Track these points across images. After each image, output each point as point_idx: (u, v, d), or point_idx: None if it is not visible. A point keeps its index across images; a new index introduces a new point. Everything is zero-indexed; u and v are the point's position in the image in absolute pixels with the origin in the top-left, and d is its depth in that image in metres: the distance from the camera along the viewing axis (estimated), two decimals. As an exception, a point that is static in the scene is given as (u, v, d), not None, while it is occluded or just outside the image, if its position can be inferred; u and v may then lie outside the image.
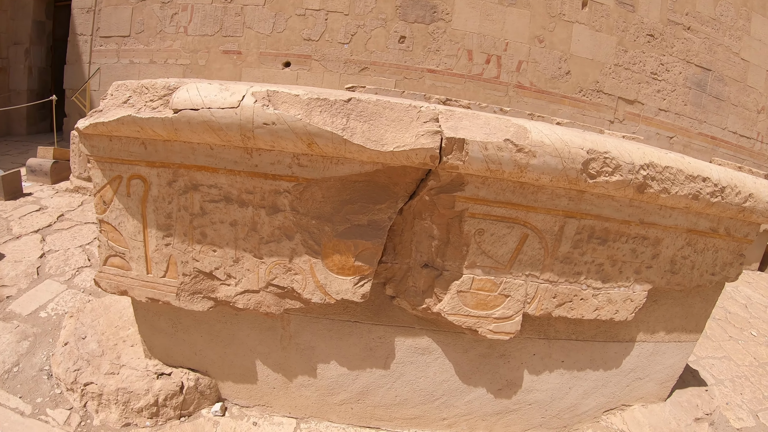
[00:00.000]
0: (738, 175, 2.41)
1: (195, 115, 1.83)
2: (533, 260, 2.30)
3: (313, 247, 2.18)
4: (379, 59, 8.89)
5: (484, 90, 8.88)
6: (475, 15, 8.85)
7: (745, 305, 6.08)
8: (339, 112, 1.84)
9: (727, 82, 10.82)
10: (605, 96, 9.51)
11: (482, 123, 1.97)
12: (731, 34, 10.80)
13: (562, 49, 9.18)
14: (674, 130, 10.21)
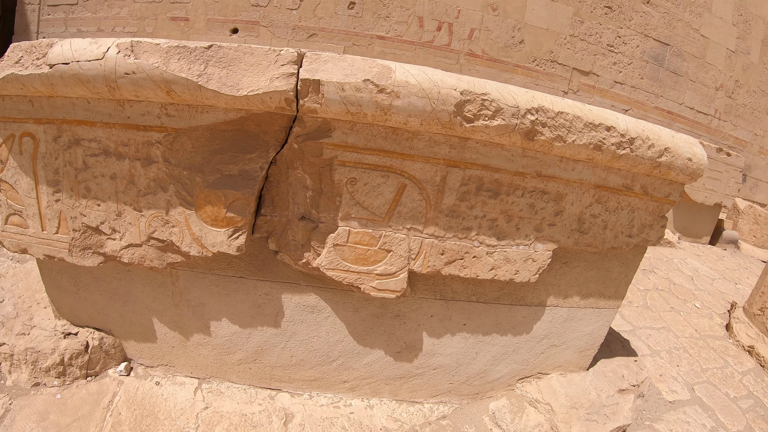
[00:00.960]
0: (652, 126, 2.23)
1: (66, 69, 1.86)
2: (414, 213, 2.15)
3: (187, 198, 2.14)
4: (327, 25, 8.59)
5: (435, 57, 8.64)
6: None
7: (692, 277, 6.01)
8: (198, 59, 1.81)
9: (686, 57, 10.71)
10: (559, 66, 9.33)
11: (347, 65, 1.86)
12: (692, 10, 10.67)
13: (516, 17, 8.95)
14: (630, 103, 10.10)
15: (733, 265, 7.17)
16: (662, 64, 10.36)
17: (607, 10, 9.58)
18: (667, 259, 6.40)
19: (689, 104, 11.01)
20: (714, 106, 11.52)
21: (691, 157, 2.28)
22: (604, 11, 9.55)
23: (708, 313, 5.02)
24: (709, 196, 7.57)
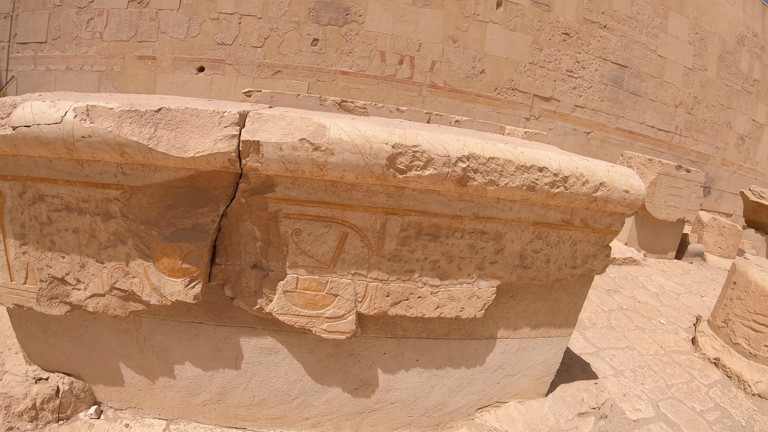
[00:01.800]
0: (586, 162, 2.29)
1: (28, 132, 1.94)
2: (358, 259, 2.25)
3: (144, 251, 2.22)
4: (292, 62, 8.67)
5: (398, 91, 8.75)
6: (388, 16, 8.70)
7: (657, 294, 6.07)
8: (148, 122, 1.92)
9: (645, 78, 10.95)
10: (521, 94, 9.49)
11: (285, 124, 1.96)
12: (648, 31, 10.92)
13: (476, 48, 9.12)
14: (591, 126, 10.27)
15: (699, 278, 7.28)
16: (621, 86, 10.58)
17: (565, 36, 9.79)
18: (633, 278, 6.46)
19: (650, 123, 11.23)
20: (675, 123, 11.77)
21: (628, 189, 2.35)
22: (562, 38, 9.75)
23: (674, 329, 5.07)
24: (672, 212, 7.69)
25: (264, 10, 8.67)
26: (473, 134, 2.60)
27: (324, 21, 8.64)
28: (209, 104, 2.28)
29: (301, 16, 8.66)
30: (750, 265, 4.07)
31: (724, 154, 13.41)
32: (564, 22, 9.78)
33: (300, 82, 8.67)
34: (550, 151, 2.36)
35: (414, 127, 2.31)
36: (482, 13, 9.11)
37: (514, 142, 2.60)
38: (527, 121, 9.54)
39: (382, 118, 2.83)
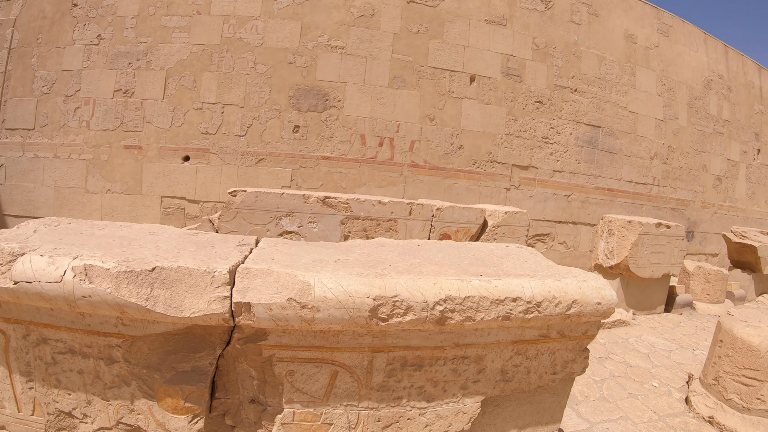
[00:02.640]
0: (558, 284, 2.43)
1: (30, 287, 2.04)
2: (348, 392, 2.38)
3: (148, 392, 2.31)
4: (275, 149, 8.87)
5: (380, 172, 8.93)
6: (366, 100, 8.95)
7: (648, 354, 6.10)
8: (144, 282, 2.05)
9: (618, 135, 11.24)
10: (499, 165, 9.72)
11: (273, 280, 2.13)
12: (618, 89, 11.27)
13: (453, 125, 9.37)
14: (570, 189, 10.50)
15: (689, 330, 7.33)
16: (597, 146, 10.86)
17: (538, 104, 10.08)
18: (623, 340, 6.50)
19: (627, 178, 11.49)
20: (652, 175, 12.04)
21: (600, 301, 2.47)
22: (535, 106, 10.04)
23: (666, 390, 5.08)
24: (656, 269, 7.75)
25: (245, 99, 8.91)
26: (452, 257, 2.75)
27: (304, 108, 8.88)
28: (201, 252, 2.41)
29: (282, 104, 8.89)
30: (734, 321, 4.13)
31: (703, 196, 13.68)
32: (536, 90, 10.09)
33: (283, 169, 8.86)
34: (523, 275, 2.47)
35: (394, 266, 2.44)
36: (457, 90, 9.40)
37: (494, 262, 2.74)
38: (508, 191, 9.75)
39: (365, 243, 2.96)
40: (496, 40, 9.85)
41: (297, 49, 8.98)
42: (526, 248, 3.25)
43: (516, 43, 10.04)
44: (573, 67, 10.63)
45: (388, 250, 2.86)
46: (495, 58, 9.80)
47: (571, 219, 10.66)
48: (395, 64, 9.18)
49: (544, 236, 10.32)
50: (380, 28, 9.22)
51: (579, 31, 10.87)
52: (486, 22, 9.82)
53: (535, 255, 3.06)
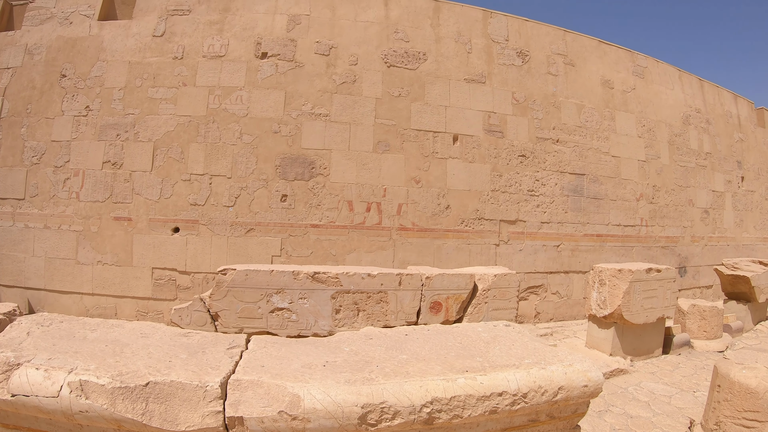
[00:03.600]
0: (543, 373, 2.47)
1: (27, 401, 2.10)
2: None
3: None
4: (263, 219, 8.93)
5: (368, 238, 9.00)
6: (352, 166, 9.07)
7: (648, 402, 6.01)
8: (139, 397, 2.09)
9: (602, 181, 11.39)
10: (487, 222, 9.82)
11: (264, 392, 2.18)
12: (599, 136, 11.46)
13: (439, 185, 9.49)
14: (560, 238, 10.60)
15: (689, 370, 7.30)
16: (582, 194, 10.99)
17: (522, 158, 10.24)
18: (622, 390, 6.42)
19: (615, 222, 11.61)
20: (639, 216, 12.16)
21: (586, 383, 2.52)
22: (519, 161, 10.20)
23: None
24: (650, 313, 7.72)
25: (233, 169, 8.99)
26: (438, 348, 2.80)
27: (291, 177, 8.97)
28: (192, 360, 2.44)
29: (269, 173, 8.98)
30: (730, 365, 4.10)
31: (692, 231, 13.79)
32: (518, 144, 10.26)
33: (273, 239, 8.90)
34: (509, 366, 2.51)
35: (381, 367, 2.47)
36: (441, 151, 9.55)
37: (481, 350, 2.77)
38: (497, 247, 9.83)
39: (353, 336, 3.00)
40: (476, 98, 10.06)
41: (281, 119, 9.12)
42: (514, 327, 3.29)
43: (496, 99, 10.25)
44: (553, 118, 10.83)
45: (375, 344, 2.89)
46: (476, 116, 10.00)
47: (562, 268, 10.74)
48: (378, 129, 9.34)
49: (536, 288, 10.36)
50: (362, 93, 9.39)
51: (556, 81, 11.09)
52: (465, 81, 10.03)
53: (522, 336, 3.09)
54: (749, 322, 10.64)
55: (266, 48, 9.27)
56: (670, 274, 8.13)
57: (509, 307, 6.04)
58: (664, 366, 7.59)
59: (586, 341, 8.02)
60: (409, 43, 9.87)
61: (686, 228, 13.57)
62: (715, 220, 14.74)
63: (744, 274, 10.53)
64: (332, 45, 9.46)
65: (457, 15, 10.41)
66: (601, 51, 12.25)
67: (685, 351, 8.39)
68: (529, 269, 10.26)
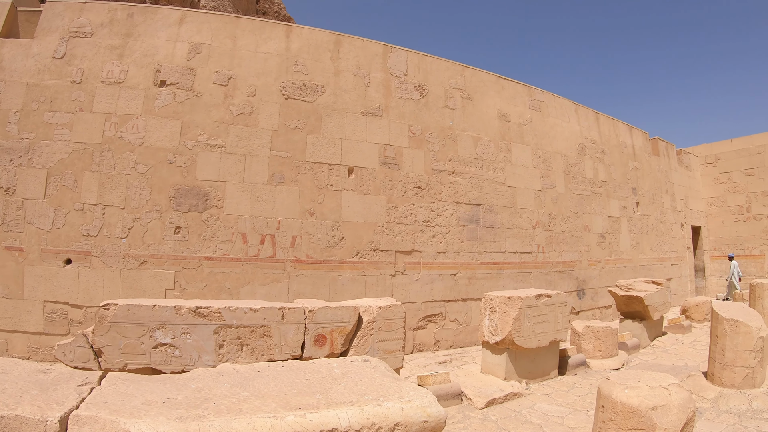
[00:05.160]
0: (378, 410, 2.49)
1: None
2: None
3: None
4: (157, 251, 8.70)
5: (263, 270, 8.90)
6: (246, 198, 8.97)
7: (541, 425, 6.05)
8: None
9: (498, 210, 11.71)
10: (382, 253, 9.89)
11: (99, 427, 2.21)
12: (495, 167, 11.79)
13: (333, 218, 9.50)
14: (456, 267, 10.79)
15: (584, 390, 7.43)
16: (478, 223, 11.25)
17: (417, 190, 10.41)
18: (516, 414, 6.47)
19: (512, 249, 11.92)
20: (536, 243, 12.54)
21: (426, 419, 2.54)
22: (414, 192, 10.36)
23: None
24: (543, 337, 7.86)
25: (126, 200, 8.73)
26: (284, 385, 2.83)
27: (185, 208, 8.79)
28: (42, 395, 2.45)
29: (163, 204, 8.77)
30: (613, 386, 4.13)
31: (589, 255, 14.32)
32: (414, 176, 10.43)
33: (166, 272, 8.68)
34: (345, 403, 2.53)
35: (218, 404, 2.49)
36: (335, 183, 9.58)
37: (326, 386, 2.81)
38: (393, 277, 9.91)
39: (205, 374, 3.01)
40: (372, 130, 10.18)
41: (177, 149, 8.94)
42: (371, 362, 3.35)
43: (392, 132, 10.40)
44: (449, 151, 11.07)
45: (224, 381, 2.91)
46: (372, 149, 10.10)
47: (460, 296, 10.91)
48: (274, 161, 9.29)
49: (434, 317, 10.47)
50: (259, 125, 9.33)
51: (454, 115, 11.37)
52: (362, 114, 10.14)
53: (375, 371, 3.14)
54: (645, 339, 11.07)
55: (165, 76, 9.09)
56: (560, 299, 8.33)
57: (396, 338, 6.03)
58: (559, 387, 7.73)
59: (481, 367, 8.10)
60: (308, 75, 9.90)
61: (583, 252, 14.08)
62: (612, 244, 15.36)
63: (637, 294, 10.97)
64: (231, 75, 9.37)
65: (357, 49, 10.54)
66: (499, 86, 12.65)
67: (581, 371, 8.58)
68: (426, 298, 10.37)
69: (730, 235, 21.79)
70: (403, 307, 6.20)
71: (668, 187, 19.29)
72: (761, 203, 20.77)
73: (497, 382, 7.51)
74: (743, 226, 21.39)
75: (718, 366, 6.96)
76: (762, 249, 20.80)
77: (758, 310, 9.33)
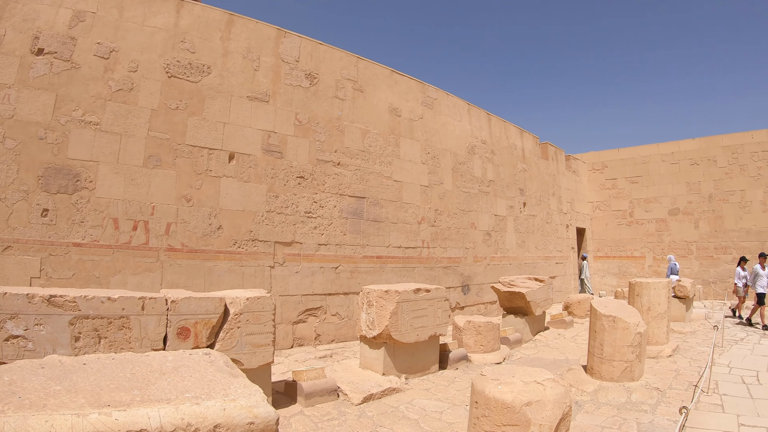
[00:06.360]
0: (196, 409, 2.39)
1: None
2: None
3: None
4: (22, 236, 8.34)
5: (134, 258, 8.77)
6: (120, 181, 8.80)
7: (418, 420, 6.10)
8: None
9: (384, 204, 12.22)
10: (262, 243, 10.04)
11: None
12: (382, 161, 12.28)
13: (211, 205, 9.51)
14: (338, 260, 11.17)
15: (464, 385, 7.62)
16: (362, 216, 11.70)
17: (300, 180, 10.66)
18: (393, 409, 6.52)
19: (396, 244, 12.47)
20: (420, 238, 13.17)
21: (252, 420, 2.43)
22: (297, 182, 10.61)
23: None
24: (421, 332, 8.07)
25: (-10, 178, 8.41)
26: (105, 378, 2.73)
27: (54, 189, 8.50)
28: None
29: (30, 184, 8.38)
30: (486, 381, 4.18)
31: (475, 252, 15.18)
32: (298, 166, 10.68)
33: (32, 258, 8.37)
34: (161, 400, 2.42)
35: (25, 397, 2.38)
36: (215, 169, 9.63)
37: (150, 381, 2.71)
38: (272, 269, 10.11)
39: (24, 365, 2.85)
40: (258, 116, 10.31)
41: (49, 124, 8.51)
42: (212, 356, 3.27)
43: (278, 119, 10.59)
44: (336, 141, 11.45)
45: (42, 373, 2.78)
46: (256, 135, 10.23)
47: (341, 290, 11.28)
48: (151, 142, 9.16)
49: (315, 310, 10.76)
50: (138, 103, 9.13)
51: (343, 106, 11.75)
52: (248, 99, 10.25)
53: (211, 366, 3.07)
54: (528, 334, 11.86)
55: (44, 44, 8.63)
56: (440, 294, 8.59)
57: (264, 331, 6.03)
58: (439, 382, 7.94)
59: (360, 362, 8.26)
60: (195, 54, 9.82)
61: (469, 249, 14.90)
62: (498, 242, 16.33)
63: (520, 290, 11.76)
64: (114, 48, 9.06)
65: (249, 31, 10.59)
66: (392, 80, 13.16)
67: (462, 365, 8.91)
68: (307, 291, 10.64)
69: (613, 237, 23.87)
70: (272, 299, 6.21)
71: (555, 190, 20.71)
72: (643, 209, 22.98)
73: (375, 377, 7.63)
74: (626, 230, 23.51)
75: (597, 360, 7.50)
76: (643, 251, 22.92)
77: (637, 307, 10.16)
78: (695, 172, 22.19)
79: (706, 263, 21.63)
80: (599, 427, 5.90)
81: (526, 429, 3.82)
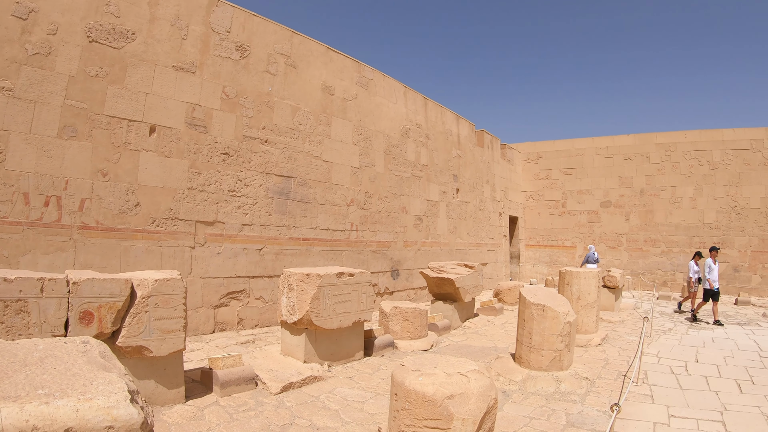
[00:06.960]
0: (44, 409, 2.19)
1: None
2: None
3: None
4: (-77, 210, 7.95)
5: (46, 237, 8.37)
6: (32, 152, 8.38)
7: (339, 410, 6.06)
8: None
9: (312, 185, 12.23)
10: (182, 222, 9.83)
11: None
12: (312, 140, 12.27)
13: (129, 180, 9.22)
14: (262, 242, 11.11)
15: (389, 373, 7.33)
16: (289, 197, 11.67)
17: (225, 156, 10.48)
18: (313, 399, 6.42)
19: (324, 226, 12.52)
20: (349, 221, 13.27)
21: (111, 424, 2.27)
22: (221, 158, 10.43)
23: None
24: (344, 318, 8.03)
25: None
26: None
27: (-42, 160, 8.12)
28: None
29: None
30: (407, 372, 4.05)
31: (405, 236, 15.39)
32: (222, 141, 10.48)
33: (-70, 232, 8.03)
34: (8, 398, 2.20)
35: None
36: (134, 142, 9.33)
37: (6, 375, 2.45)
38: (193, 249, 9.95)
39: None
40: (182, 88, 10.04)
41: None
42: (90, 344, 3.02)
43: (204, 91, 10.36)
44: (265, 118, 11.32)
45: None
46: (179, 107, 9.97)
47: (266, 273, 11.23)
48: (67, 111, 8.75)
49: (238, 293, 10.67)
50: (55, 69, 8.66)
51: (274, 81, 11.63)
52: (174, 69, 9.94)
53: (84, 356, 2.83)
54: (457, 320, 12.11)
55: None
56: (364, 279, 8.55)
57: (175, 316, 5.81)
58: (364, 369, 7.93)
59: (281, 348, 8.14)
60: (120, 19, 9.37)
61: (399, 233, 15.10)
62: (429, 227, 16.60)
63: (449, 276, 11.97)
64: (33, 8, 8.48)
65: (180, -3, 10.20)
66: (327, 57, 13.10)
67: (388, 352, 8.98)
68: (229, 274, 10.53)
69: (545, 226, 24.71)
70: (183, 282, 5.99)
71: (489, 178, 21.20)
72: (576, 200, 23.87)
73: (296, 364, 7.53)
74: (558, 220, 24.36)
75: (526, 349, 7.56)
76: (574, 241, 23.79)
77: (567, 296, 10.44)
78: (628, 167, 23.21)
79: (635, 255, 22.71)
80: (527, 417, 5.95)
81: (449, 423, 3.73)
